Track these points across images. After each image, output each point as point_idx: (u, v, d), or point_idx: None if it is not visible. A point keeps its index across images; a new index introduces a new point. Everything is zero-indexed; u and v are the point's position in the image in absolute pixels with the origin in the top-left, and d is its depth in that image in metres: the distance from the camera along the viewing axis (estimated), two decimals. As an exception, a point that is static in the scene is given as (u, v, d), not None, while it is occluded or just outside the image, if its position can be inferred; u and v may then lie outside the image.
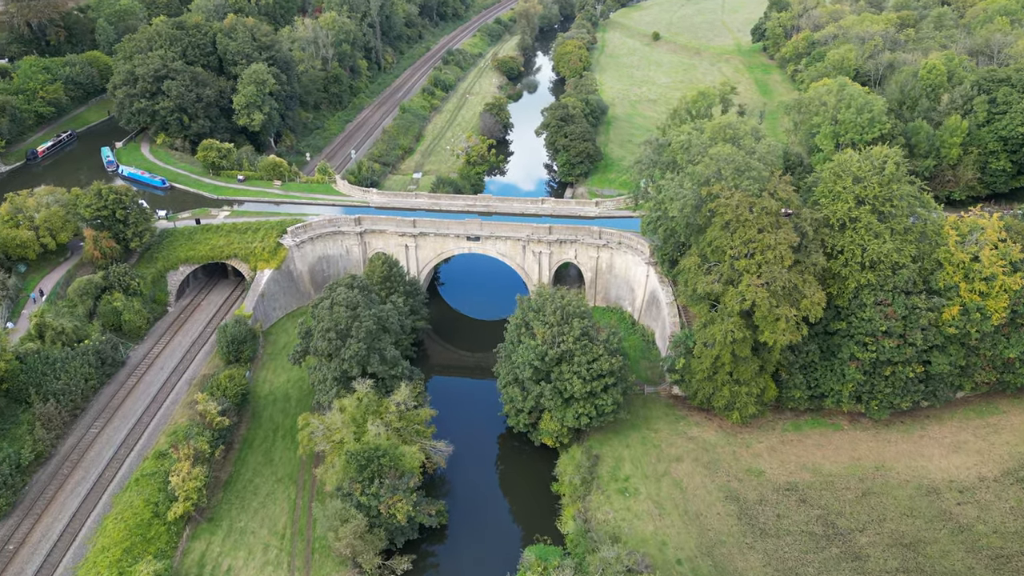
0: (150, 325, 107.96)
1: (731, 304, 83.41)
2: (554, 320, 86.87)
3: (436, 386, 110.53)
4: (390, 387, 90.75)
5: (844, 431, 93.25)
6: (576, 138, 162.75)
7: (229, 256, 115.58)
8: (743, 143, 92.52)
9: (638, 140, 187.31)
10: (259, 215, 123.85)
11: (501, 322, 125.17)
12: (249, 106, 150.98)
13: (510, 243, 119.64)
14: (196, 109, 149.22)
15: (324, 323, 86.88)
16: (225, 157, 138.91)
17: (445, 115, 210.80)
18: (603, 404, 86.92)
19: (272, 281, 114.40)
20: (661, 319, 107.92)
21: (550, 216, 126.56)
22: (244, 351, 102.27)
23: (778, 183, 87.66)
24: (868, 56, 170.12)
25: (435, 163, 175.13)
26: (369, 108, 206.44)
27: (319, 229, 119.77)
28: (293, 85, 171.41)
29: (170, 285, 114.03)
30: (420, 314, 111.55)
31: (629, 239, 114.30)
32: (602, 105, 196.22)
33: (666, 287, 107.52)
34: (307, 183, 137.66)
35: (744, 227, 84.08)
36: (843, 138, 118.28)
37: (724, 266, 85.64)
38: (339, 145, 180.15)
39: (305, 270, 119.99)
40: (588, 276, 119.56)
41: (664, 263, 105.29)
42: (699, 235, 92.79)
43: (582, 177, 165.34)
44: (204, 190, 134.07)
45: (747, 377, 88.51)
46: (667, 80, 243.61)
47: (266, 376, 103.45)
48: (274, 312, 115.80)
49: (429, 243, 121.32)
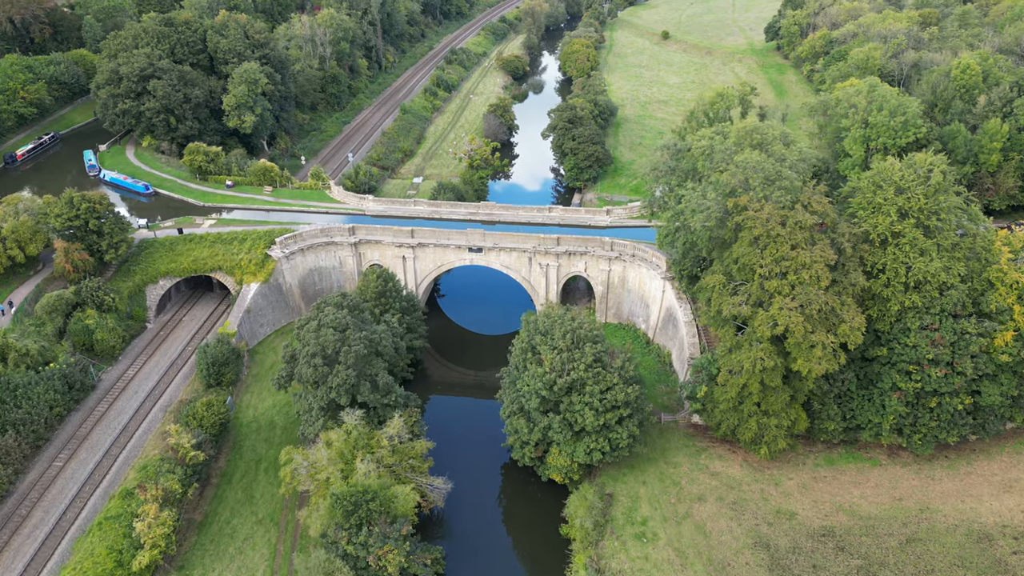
0: (125, 344, 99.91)
1: (761, 329, 74.92)
2: (563, 345, 78.54)
3: (435, 408, 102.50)
4: (383, 417, 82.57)
5: (882, 466, 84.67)
6: (584, 141, 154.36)
7: (213, 269, 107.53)
8: (772, 149, 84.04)
9: (649, 143, 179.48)
10: (247, 224, 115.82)
11: (506, 337, 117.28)
12: (240, 107, 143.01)
13: (515, 255, 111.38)
14: (184, 110, 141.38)
15: (310, 347, 78.68)
16: (213, 161, 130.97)
17: (447, 116, 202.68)
18: (617, 438, 78.56)
19: (259, 296, 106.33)
20: (679, 339, 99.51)
21: (558, 225, 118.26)
22: (226, 374, 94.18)
23: (812, 194, 79.17)
24: (891, 55, 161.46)
25: (436, 167, 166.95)
26: (368, 109, 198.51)
27: (310, 239, 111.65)
28: (288, 85, 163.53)
29: (149, 300, 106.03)
30: (418, 332, 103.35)
31: (643, 251, 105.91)
32: (611, 106, 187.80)
33: (684, 304, 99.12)
34: (300, 189, 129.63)
35: (776, 243, 75.61)
36: (874, 143, 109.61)
37: (752, 286, 77.15)
38: (336, 148, 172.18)
39: (295, 283, 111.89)
40: (599, 290, 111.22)
41: (682, 279, 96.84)
42: (723, 250, 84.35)
43: (591, 182, 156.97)
44: (190, 196, 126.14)
45: (777, 408, 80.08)
46: (678, 80, 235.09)
47: (250, 400, 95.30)
48: (261, 329, 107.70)
49: (428, 254, 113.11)
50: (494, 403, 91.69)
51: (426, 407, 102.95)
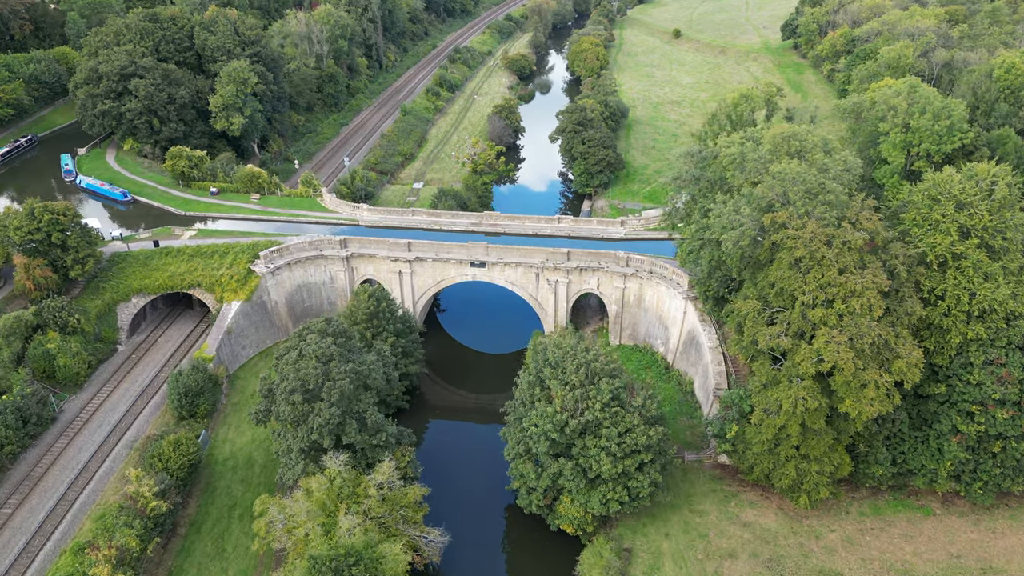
0: (92, 370, 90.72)
1: (804, 365, 65.27)
2: (576, 381, 69.02)
3: (433, 438, 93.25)
4: (371, 459, 73.19)
5: (936, 516, 74.90)
6: (595, 144, 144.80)
7: (191, 285, 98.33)
8: (812, 158, 74.35)
9: (663, 146, 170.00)
10: (230, 235, 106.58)
11: (511, 357, 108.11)
12: (228, 108, 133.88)
13: (521, 270, 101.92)
14: (168, 111, 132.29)
15: (288, 381, 69.31)
16: (197, 166, 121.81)
17: (450, 118, 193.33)
18: (637, 487, 69.01)
19: (241, 315, 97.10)
20: (702, 366, 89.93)
21: (567, 238, 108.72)
22: (201, 404, 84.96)
23: (860, 209, 69.53)
24: (919, 54, 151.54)
25: (438, 171, 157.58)
26: (368, 110, 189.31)
27: (298, 253, 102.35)
28: (281, 85, 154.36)
29: (120, 320, 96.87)
30: (414, 356, 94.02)
31: (662, 268, 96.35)
32: (622, 107, 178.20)
33: (708, 327, 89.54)
34: (289, 197, 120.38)
35: (821, 267, 65.99)
36: (916, 148, 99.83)
37: (793, 314, 67.50)
38: (333, 151, 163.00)
39: (281, 300, 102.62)
40: (613, 309, 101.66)
41: (707, 300, 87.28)
42: (756, 271, 74.81)
43: (601, 188, 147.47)
44: (171, 204, 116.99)
45: (819, 453, 70.43)
46: (691, 80, 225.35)
47: (227, 434, 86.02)
48: (243, 351, 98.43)
49: (427, 269, 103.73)
50: (498, 430, 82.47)
51: (424, 437, 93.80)
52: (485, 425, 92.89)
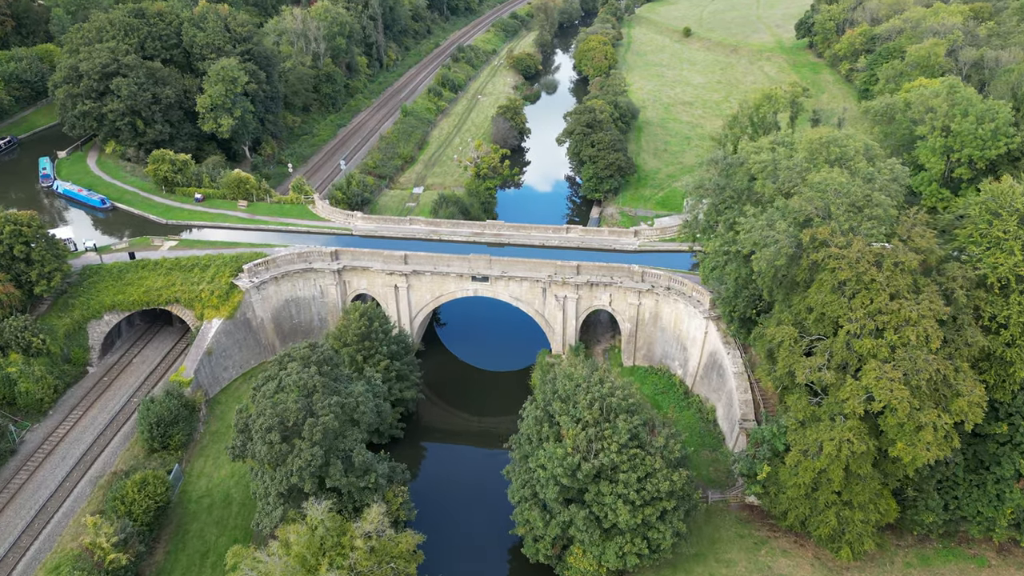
0: (58, 395, 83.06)
1: (850, 404, 57.27)
2: (590, 418, 61.11)
3: (430, 469, 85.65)
4: (359, 503, 65.39)
5: (991, 568, 66.81)
6: (605, 148, 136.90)
7: (168, 301, 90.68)
8: (854, 166, 66.31)
9: (675, 149, 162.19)
10: (213, 246, 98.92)
11: (516, 375, 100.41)
12: (216, 108, 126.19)
13: (527, 285, 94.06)
14: (152, 112, 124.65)
15: (265, 418, 61.54)
16: (181, 171, 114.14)
17: (453, 119, 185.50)
18: (659, 538, 61.15)
19: (223, 333, 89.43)
20: (726, 392, 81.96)
21: (577, 249, 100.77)
22: (174, 435, 77.29)
23: (913, 224, 61.50)
24: (945, 53, 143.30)
25: (439, 175, 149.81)
26: (367, 111, 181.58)
27: (285, 266, 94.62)
28: (275, 84, 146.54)
29: (92, 339, 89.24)
30: (409, 380, 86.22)
31: (681, 283, 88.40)
32: (632, 108, 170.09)
33: (733, 350, 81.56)
34: (279, 204, 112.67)
35: (869, 291, 57.99)
36: (957, 154, 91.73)
37: (835, 344, 59.51)
38: (330, 153, 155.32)
39: (267, 317, 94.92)
40: (626, 328, 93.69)
41: (732, 320, 79.27)
42: (790, 292, 66.88)
43: (611, 194, 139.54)
44: (152, 212, 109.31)
45: (863, 500, 62.39)
46: (703, 80, 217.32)
47: (203, 467, 78.30)
48: (225, 373, 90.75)
49: (425, 284, 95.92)
50: (502, 457, 75.25)
51: (420, 468, 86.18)
52: (488, 451, 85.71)
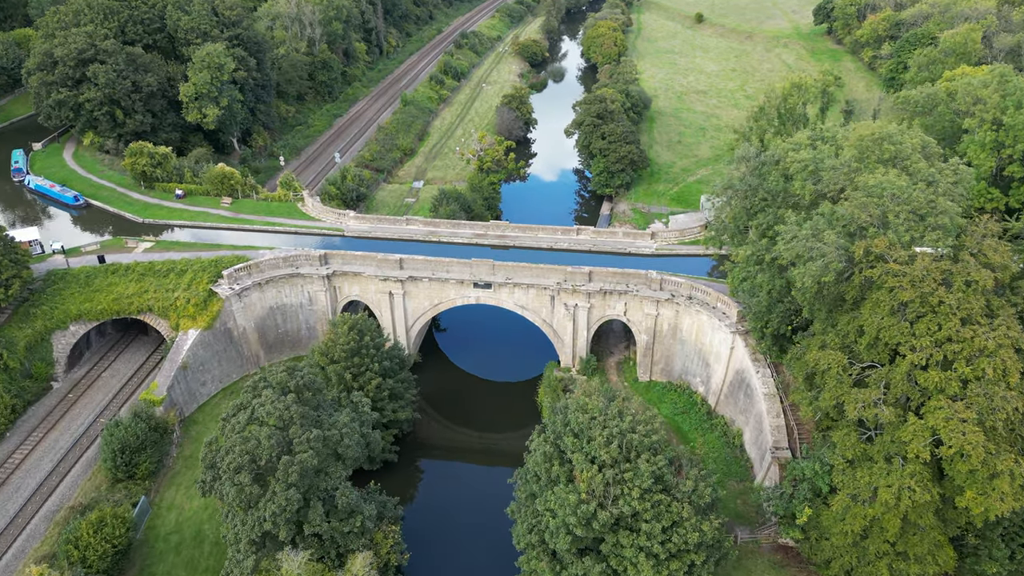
0: (17, 415, 75.29)
1: (913, 446, 49.03)
2: (608, 458, 53.00)
3: (426, 498, 77.85)
4: (343, 548, 57.52)
5: (1063, 625, 58.77)
6: (617, 140, 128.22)
7: (140, 310, 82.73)
8: (912, 166, 57.76)
9: (689, 140, 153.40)
10: (193, 248, 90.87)
11: (521, 387, 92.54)
12: (201, 97, 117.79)
13: (533, 292, 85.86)
14: (133, 101, 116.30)
15: (234, 456, 53.60)
16: (160, 165, 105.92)
17: (455, 108, 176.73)
18: (686, 595, 53.22)
19: (200, 345, 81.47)
20: (754, 415, 73.80)
21: (588, 252, 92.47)
22: (142, 462, 69.48)
23: (984, 235, 53.04)
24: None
25: (440, 169, 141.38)
26: (365, 100, 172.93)
27: (270, 271, 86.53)
28: (266, 71, 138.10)
29: (56, 351, 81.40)
30: (404, 399, 78.22)
31: (704, 292, 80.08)
32: (644, 97, 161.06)
33: (763, 368, 73.33)
34: (266, 201, 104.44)
35: (936, 315, 49.63)
36: (1009, 150, 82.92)
37: (894, 374, 51.22)
38: (325, 145, 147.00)
39: (250, 326, 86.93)
40: (643, 340, 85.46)
41: (763, 337, 70.91)
42: (834, 309, 58.56)
43: (623, 189, 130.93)
44: (128, 210, 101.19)
45: (921, 551, 54.24)
46: (716, 68, 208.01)
47: (174, 498, 70.50)
48: (202, 389, 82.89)
49: (422, 290, 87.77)
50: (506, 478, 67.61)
51: (415, 495, 78.48)
52: (490, 473, 78.82)
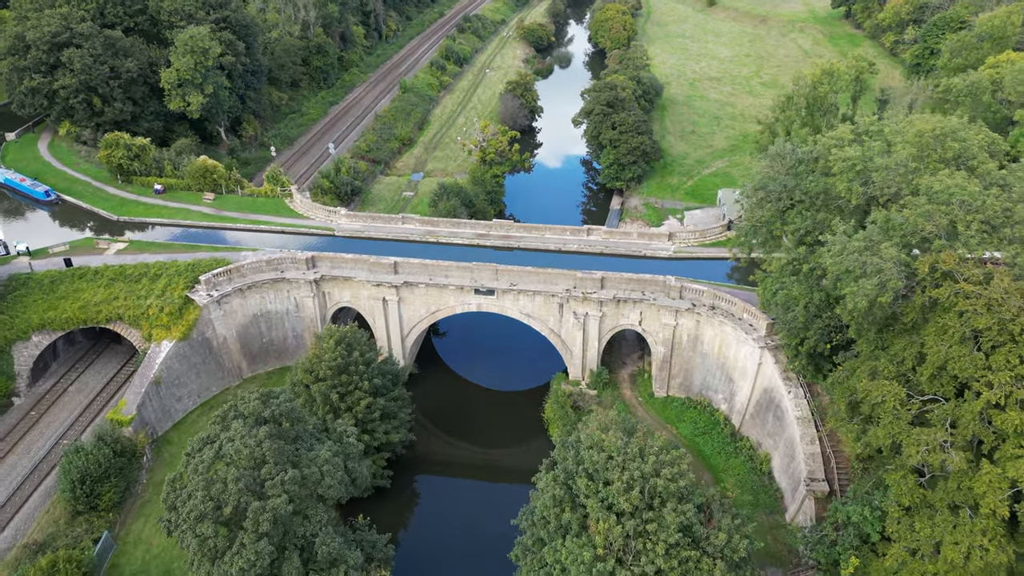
0: (-30, 437, 68.50)
1: (989, 500, 41.72)
2: (628, 506, 45.76)
3: (421, 528, 70.95)
4: (325, 602, 50.53)
5: None
6: (628, 130, 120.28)
7: (109, 319, 75.50)
8: (980, 167, 50.04)
9: (704, 130, 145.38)
10: (169, 249, 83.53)
11: (526, 397, 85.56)
12: (184, 84, 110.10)
13: (540, 300, 78.45)
14: (111, 88, 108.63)
15: (196, 502, 46.47)
16: (138, 157, 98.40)
17: (457, 95, 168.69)
18: (717, 663, 46.10)
19: (175, 358, 74.30)
20: (785, 440, 66.52)
21: (600, 255, 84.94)
22: (105, 492, 62.55)
23: (1069, 250, 45.43)
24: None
25: (441, 160, 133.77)
26: (362, 86, 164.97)
27: (252, 275, 79.20)
28: (257, 56, 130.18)
29: (18, 364, 74.33)
30: (398, 418, 71.04)
31: (729, 303, 72.59)
32: (656, 84, 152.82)
33: (795, 388, 65.95)
34: (252, 197, 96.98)
35: (1018, 345, 42.14)
36: (1068, 145, 75.31)
37: (963, 411, 43.80)
38: (320, 134, 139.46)
39: (231, 336, 79.72)
40: (659, 352, 78.10)
41: (797, 355, 63.39)
42: (884, 330, 51.08)
43: (634, 182, 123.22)
44: (103, 206, 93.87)
45: (990, 613, 47.10)
46: (730, 53, 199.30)
47: (141, 531, 63.50)
48: (178, 405, 75.81)
49: (418, 297, 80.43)
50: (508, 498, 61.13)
51: (410, 522, 71.65)
52: (493, 491, 73.93)
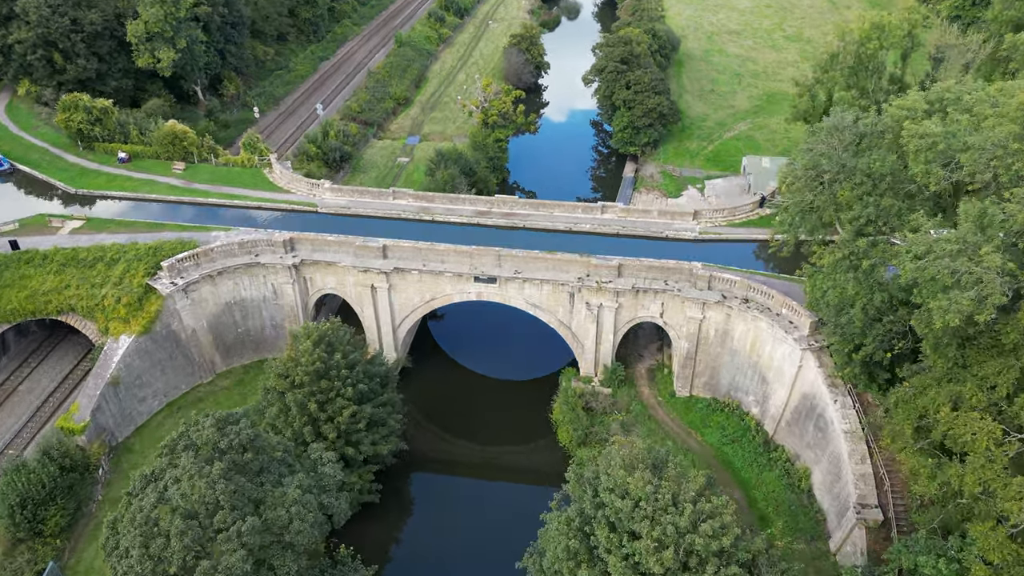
0: (-101, 448, 60.35)
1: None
2: (659, 568, 37.40)
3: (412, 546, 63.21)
4: (296, 666, 42.70)
5: None
6: (644, 89, 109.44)
7: (60, 310, 66.72)
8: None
9: (724, 88, 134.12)
10: (131, 228, 74.15)
11: (531, 386, 77.44)
12: (153, 38, 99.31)
13: (548, 289, 69.34)
14: (74, 42, 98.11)
15: (132, 561, 38.17)
16: (100, 121, 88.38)
17: (457, 50, 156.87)
18: None
19: (136, 355, 65.67)
20: (829, 455, 58.08)
21: (616, 236, 75.46)
22: (50, 516, 54.54)
23: None
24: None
25: (439, 122, 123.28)
26: (355, 40, 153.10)
27: (223, 260, 70.04)
28: (238, 7, 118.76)
29: (-42, 361, 66.04)
30: (388, 426, 62.56)
31: (764, 295, 63.47)
32: (673, 38, 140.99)
33: (842, 397, 57.25)
34: (227, 167, 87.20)
35: None
36: None
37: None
38: (308, 93, 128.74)
39: (202, 327, 70.92)
40: (682, 347, 69.26)
41: (848, 363, 54.43)
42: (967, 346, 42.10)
43: (650, 147, 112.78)
44: (60, 177, 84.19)
45: None
46: (749, 3, 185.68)
47: (95, 558, 55.40)
48: (141, 407, 67.43)
49: (411, 284, 71.33)
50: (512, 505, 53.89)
51: (402, 536, 64.06)
52: (494, 492, 66.97)
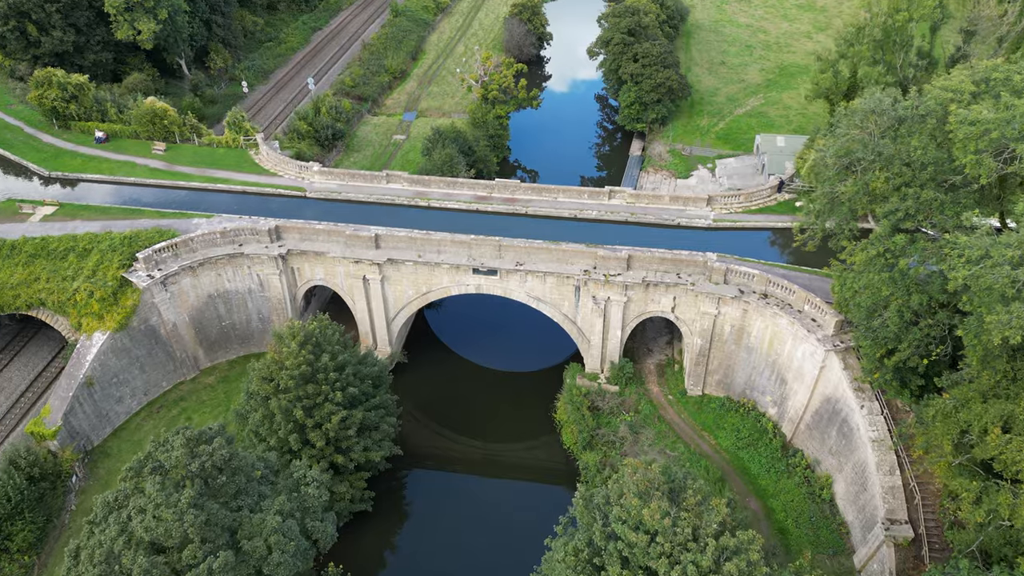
0: None
1: None
2: (679, 615, 33.47)
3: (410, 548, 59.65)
4: None
5: None
6: (653, 63, 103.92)
7: (30, 304, 62.41)
8: None
9: (735, 62, 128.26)
10: (107, 215, 69.44)
11: (534, 378, 73.54)
12: (133, 8, 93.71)
13: (552, 281, 64.85)
14: (49, 13, 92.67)
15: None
16: (75, 99, 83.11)
17: (456, 19, 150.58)
18: None
19: (111, 353, 61.48)
20: (853, 463, 54.09)
21: (624, 223, 70.76)
22: (17, 532, 50.73)
23: None
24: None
25: (437, 97, 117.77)
26: (350, 9, 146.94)
27: (204, 250, 65.46)
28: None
29: (-79, 360, 61.83)
30: (381, 431, 58.51)
31: (785, 290, 59.01)
32: (682, 8, 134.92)
33: (869, 403, 53.06)
34: (211, 147, 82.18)
35: None
36: None
37: None
38: (300, 66, 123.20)
39: (183, 321, 66.62)
40: (695, 344, 64.94)
41: (882, 368, 50.06)
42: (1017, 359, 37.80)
43: (658, 124, 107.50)
44: (33, 158, 79.29)
45: None
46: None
47: None
48: (118, 407, 63.37)
49: (406, 276, 66.82)
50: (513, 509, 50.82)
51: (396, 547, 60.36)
52: (495, 492, 63.57)
